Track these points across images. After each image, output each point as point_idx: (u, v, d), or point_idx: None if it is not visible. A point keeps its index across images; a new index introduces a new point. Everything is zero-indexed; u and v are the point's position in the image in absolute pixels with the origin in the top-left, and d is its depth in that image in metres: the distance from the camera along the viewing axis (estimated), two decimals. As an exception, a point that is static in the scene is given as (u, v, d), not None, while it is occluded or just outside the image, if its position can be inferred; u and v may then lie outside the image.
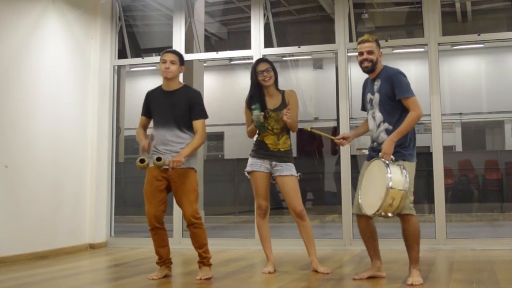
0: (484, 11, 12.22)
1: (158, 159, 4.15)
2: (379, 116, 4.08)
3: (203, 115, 4.42)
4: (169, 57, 4.41)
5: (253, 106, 4.54)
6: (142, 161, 4.18)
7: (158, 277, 4.40)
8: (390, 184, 3.73)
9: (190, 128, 4.38)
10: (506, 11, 11.28)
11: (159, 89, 4.53)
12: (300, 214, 4.55)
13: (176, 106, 4.35)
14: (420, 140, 4.18)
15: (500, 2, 11.59)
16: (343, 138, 4.33)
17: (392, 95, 4.02)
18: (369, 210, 3.91)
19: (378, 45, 4.16)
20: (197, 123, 4.36)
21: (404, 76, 4.07)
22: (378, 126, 4.08)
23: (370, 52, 4.10)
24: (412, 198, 3.97)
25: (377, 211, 3.80)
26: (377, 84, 4.12)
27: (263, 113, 4.53)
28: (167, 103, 4.38)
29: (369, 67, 4.12)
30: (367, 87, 4.27)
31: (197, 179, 4.43)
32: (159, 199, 4.35)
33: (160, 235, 4.41)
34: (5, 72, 5.58)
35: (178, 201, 4.37)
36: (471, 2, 11.59)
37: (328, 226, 9.56)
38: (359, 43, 4.17)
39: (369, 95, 4.19)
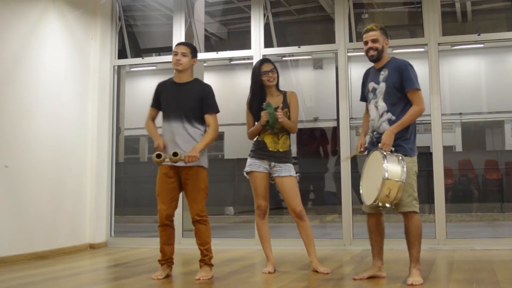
0: (484, 11, 12.21)
1: (175, 154, 4.16)
2: (382, 105, 4.07)
3: (216, 109, 4.44)
4: (180, 49, 4.42)
5: (265, 104, 4.52)
6: (158, 156, 4.20)
7: (162, 276, 4.40)
8: (386, 175, 3.75)
9: (200, 122, 4.39)
10: (506, 11, 11.28)
11: (170, 80, 4.53)
12: (299, 214, 4.55)
13: (186, 98, 4.37)
14: (420, 140, 4.18)
15: (500, 2, 11.59)
16: (361, 145, 4.30)
17: (400, 86, 4.02)
18: (368, 200, 3.93)
19: (384, 33, 4.14)
20: (209, 118, 4.38)
21: (413, 68, 4.08)
22: (381, 115, 4.07)
23: (374, 41, 4.10)
24: (415, 194, 3.97)
25: (374, 201, 3.82)
26: (383, 74, 4.10)
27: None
28: (178, 95, 4.39)
29: (375, 56, 4.12)
30: (369, 76, 4.26)
31: (206, 177, 4.42)
32: (171, 196, 4.37)
33: (167, 232, 4.43)
34: (5, 72, 5.58)
35: (187, 198, 4.41)
36: (471, 2, 11.58)
37: (328, 226, 9.56)
38: (364, 33, 4.18)
39: (372, 84, 4.18)
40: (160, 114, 4.55)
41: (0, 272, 4.91)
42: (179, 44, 4.53)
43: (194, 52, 4.49)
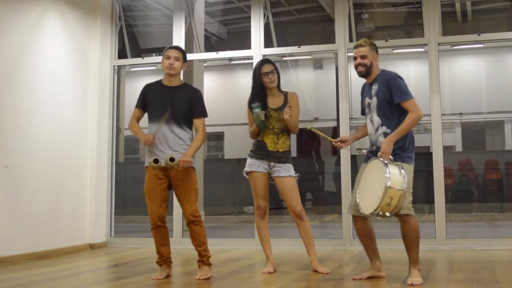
0: (484, 11, 12.22)
1: (171, 159, 4.18)
2: (377, 119, 4.08)
3: (204, 114, 4.46)
4: (173, 53, 4.41)
5: (253, 105, 4.55)
6: (156, 161, 4.22)
7: (163, 276, 4.40)
8: (389, 183, 3.72)
9: (188, 125, 4.41)
10: (506, 11, 11.28)
11: (159, 83, 4.52)
12: (299, 215, 4.55)
13: (176, 102, 4.36)
14: (420, 140, 4.18)
15: (500, 2, 11.59)
16: (341, 141, 4.33)
17: (389, 99, 4.01)
18: (366, 209, 3.90)
19: (374, 49, 4.15)
20: (198, 122, 4.40)
21: (402, 79, 4.07)
22: (377, 129, 4.08)
23: (363, 57, 4.12)
24: (411, 198, 3.96)
25: (375, 210, 3.80)
26: (374, 88, 4.12)
27: (264, 112, 4.53)
28: (167, 99, 4.38)
29: (363, 72, 4.14)
30: (365, 91, 4.28)
31: (196, 177, 4.46)
32: (162, 197, 4.36)
33: (162, 233, 4.42)
34: (5, 73, 5.58)
35: (179, 200, 4.41)
36: (471, 2, 11.58)
37: (328, 226, 9.56)
38: (354, 48, 4.20)
39: (367, 99, 4.20)
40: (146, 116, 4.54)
41: (0, 272, 4.92)
42: (172, 48, 4.50)
43: (185, 57, 4.51)
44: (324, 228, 9.34)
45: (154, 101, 4.43)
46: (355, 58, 4.16)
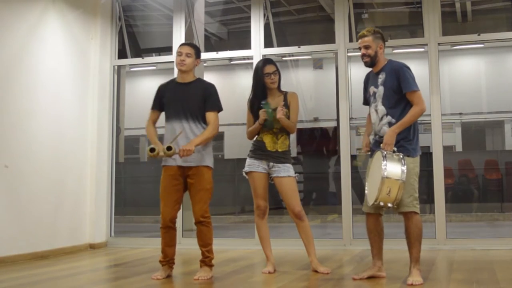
0: (484, 11, 12.22)
1: (169, 148, 4.14)
2: (381, 109, 4.08)
3: (217, 107, 4.41)
4: (185, 49, 4.41)
5: (263, 102, 4.53)
6: (152, 150, 4.16)
7: (163, 276, 4.40)
8: (385, 174, 3.76)
9: (205, 121, 4.37)
10: (506, 11, 11.28)
11: (173, 81, 4.53)
12: (298, 215, 4.55)
13: (190, 98, 4.35)
14: (420, 140, 4.18)
15: (500, 2, 11.58)
16: (366, 147, 4.30)
17: (397, 88, 4.02)
18: (370, 200, 3.95)
19: (378, 37, 4.14)
20: (209, 115, 4.35)
21: (410, 70, 4.08)
22: (381, 119, 4.09)
23: (366, 47, 4.12)
24: (416, 195, 3.98)
25: (375, 200, 3.83)
26: (381, 77, 4.11)
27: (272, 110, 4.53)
28: (182, 95, 4.37)
29: (368, 62, 4.15)
30: (369, 80, 4.27)
31: (211, 177, 4.41)
32: (175, 198, 4.36)
33: (170, 234, 4.42)
34: (5, 73, 5.58)
35: (191, 198, 4.39)
36: (471, 2, 11.58)
37: (328, 226, 9.55)
38: (358, 39, 4.21)
39: (372, 88, 4.19)
40: (162, 115, 4.54)
41: (0, 272, 4.92)
42: (184, 44, 4.52)
43: (198, 53, 4.49)
44: (324, 228, 9.34)
45: (169, 99, 4.42)
46: (360, 49, 4.16)
